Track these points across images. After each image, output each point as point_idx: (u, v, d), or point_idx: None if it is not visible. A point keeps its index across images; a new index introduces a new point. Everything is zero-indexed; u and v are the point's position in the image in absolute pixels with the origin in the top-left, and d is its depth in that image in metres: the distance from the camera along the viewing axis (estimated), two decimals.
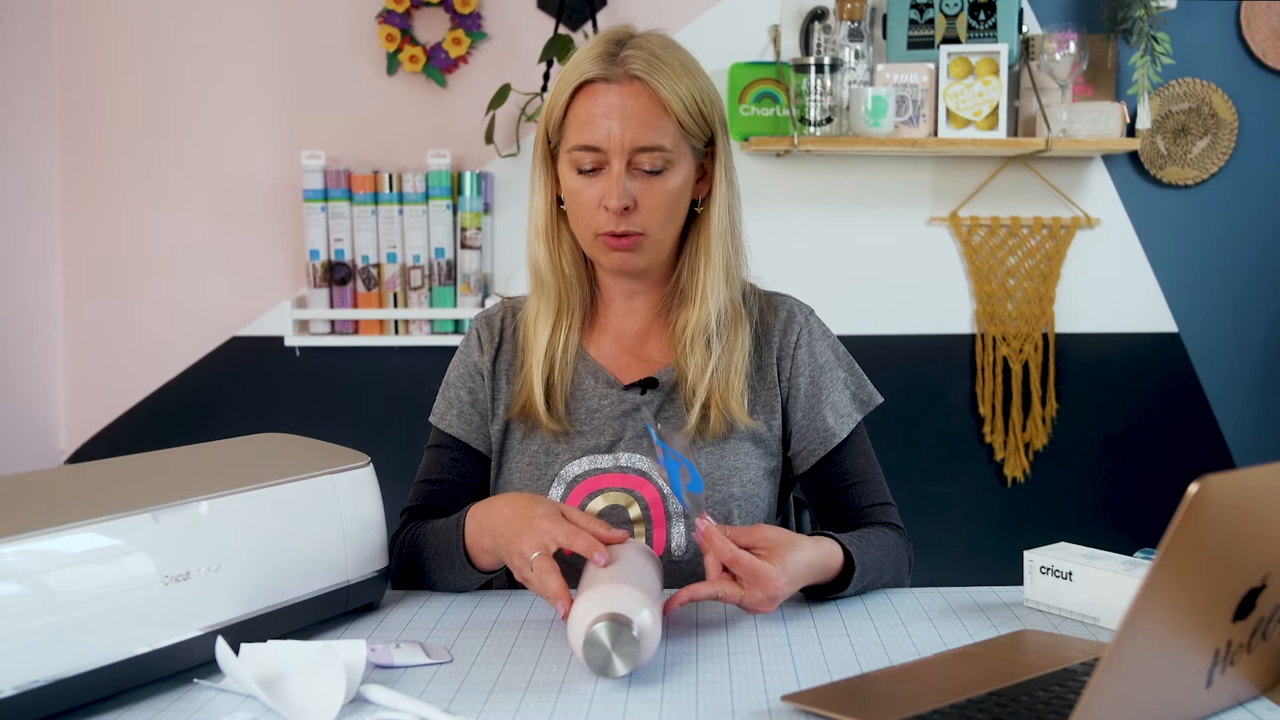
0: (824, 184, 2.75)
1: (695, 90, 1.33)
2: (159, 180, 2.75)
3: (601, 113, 1.30)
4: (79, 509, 0.96)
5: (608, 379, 1.41)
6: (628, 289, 1.43)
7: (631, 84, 1.30)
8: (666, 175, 1.32)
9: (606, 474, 1.37)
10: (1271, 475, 0.79)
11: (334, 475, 1.15)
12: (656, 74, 1.30)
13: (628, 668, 0.98)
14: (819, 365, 1.43)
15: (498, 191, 2.75)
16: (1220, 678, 0.87)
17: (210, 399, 2.77)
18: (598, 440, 1.38)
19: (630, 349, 1.43)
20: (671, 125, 1.31)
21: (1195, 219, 2.77)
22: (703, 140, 1.36)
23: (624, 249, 1.33)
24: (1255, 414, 2.81)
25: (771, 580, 1.12)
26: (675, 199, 1.34)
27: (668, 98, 1.30)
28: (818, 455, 1.42)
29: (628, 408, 1.39)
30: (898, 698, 0.95)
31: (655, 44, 1.33)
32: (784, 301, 1.47)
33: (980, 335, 2.77)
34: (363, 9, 2.71)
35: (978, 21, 2.64)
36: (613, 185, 1.30)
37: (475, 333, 1.47)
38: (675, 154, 1.32)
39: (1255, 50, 2.72)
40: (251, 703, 0.96)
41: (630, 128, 1.29)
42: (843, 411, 1.43)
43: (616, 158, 1.30)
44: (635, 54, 1.30)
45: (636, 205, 1.31)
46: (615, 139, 1.30)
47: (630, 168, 1.31)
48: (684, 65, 1.33)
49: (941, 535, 2.81)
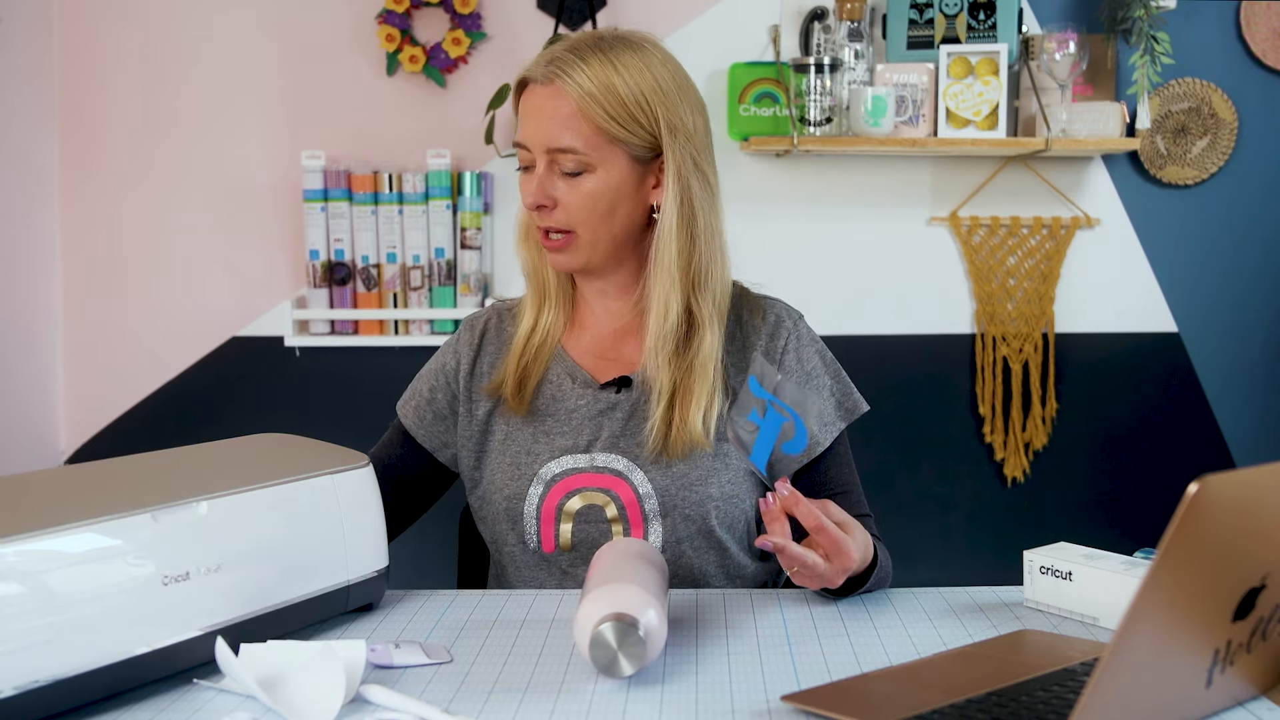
0: (824, 184, 2.75)
1: (629, 92, 1.31)
2: (159, 180, 2.75)
3: (527, 112, 1.35)
4: (79, 509, 0.95)
5: (585, 379, 1.41)
6: (597, 289, 1.44)
7: (550, 84, 1.33)
8: (585, 177, 1.33)
9: (583, 474, 1.37)
10: (1271, 475, 0.79)
11: (334, 475, 1.15)
12: (573, 75, 1.31)
13: (634, 668, 0.98)
14: (806, 372, 1.42)
15: (497, 191, 2.75)
16: (1220, 678, 0.87)
17: (210, 399, 2.77)
18: (575, 440, 1.39)
19: (606, 349, 1.44)
20: (586, 127, 1.32)
21: (1195, 219, 2.77)
22: (644, 143, 1.34)
23: (556, 249, 1.37)
24: (1255, 414, 2.81)
25: (849, 553, 1.13)
26: (597, 199, 1.34)
27: (577, 100, 1.31)
28: (801, 463, 1.41)
29: (603, 407, 1.40)
30: (898, 698, 0.95)
31: (592, 43, 1.33)
32: (773, 305, 1.47)
33: (980, 335, 2.77)
34: (363, 9, 2.71)
35: (977, 21, 2.64)
36: (531, 183, 1.35)
37: (458, 335, 1.51)
38: (594, 156, 1.32)
39: (1255, 50, 2.72)
40: (251, 703, 0.96)
41: (544, 129, 1.33)
42: (826, 420, 1.42)
43: (540, 157, 1.34)
44: (564, 55, 1.33)
45: (556, 204, 1.34)
46: (535, 139, 1.34)
47: (551, 167, 1.34)
48: (619, 65, 1.32)
49: (941, 535, 2.81)
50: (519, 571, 1.40)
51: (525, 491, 1.38)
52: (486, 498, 1.42)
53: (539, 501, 1.37)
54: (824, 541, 1.12)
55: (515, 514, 1.38)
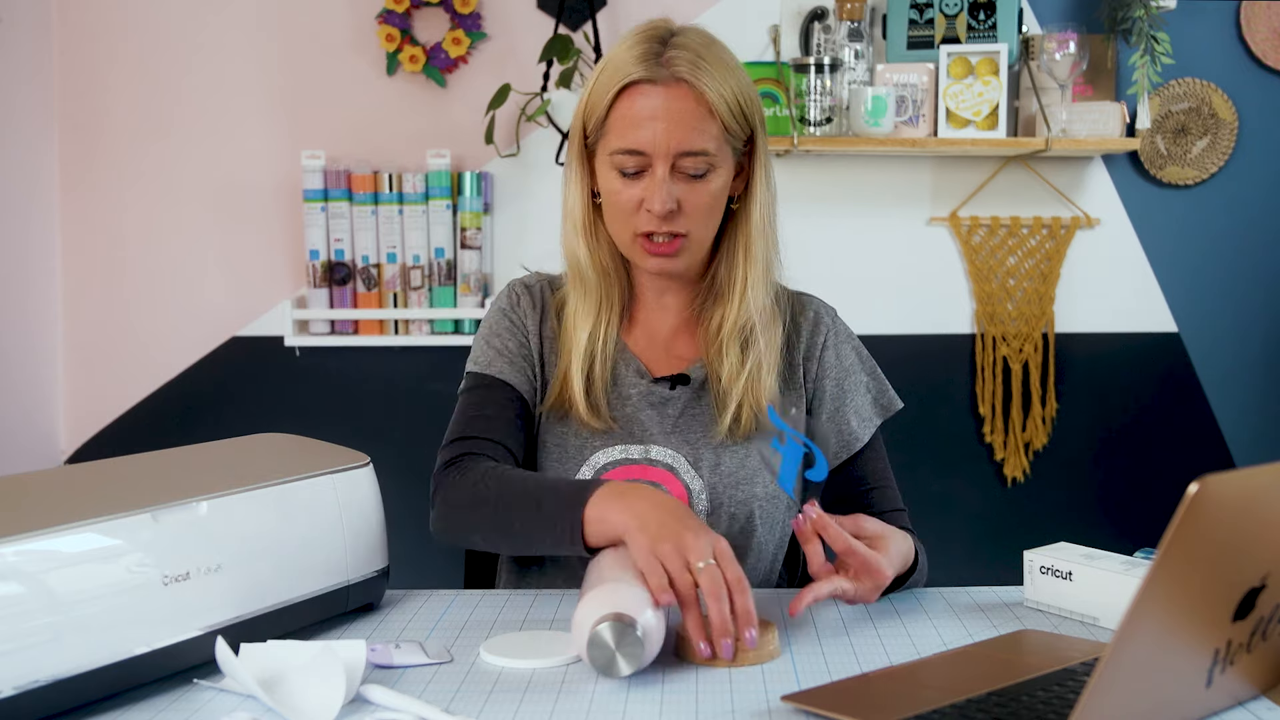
0: (824, 184, 2.75)
1: (738, 90, 1.31)
2: (159, 180, 2.75)
3: (647, 115, 1.27)
4: (79, 509, 0.95)
5: (639, 369, 1.40)
6: (660, 286, 1.42)
7: (677, 86, 1.28)
8: (709, 178, 1.30)
9: (635, 465, 1.36)
10: (1271, 475, 0.79)
11: (334, 475, 1.15)
12: (702, 76, 1.27)
13: (631, 668, 0.98)
14: (844, 368, 1.43)
15: (498, 191, 2.75)
16: (1220, 678, 0.87)
17: (210, 399, 2.77)
18: (629, 430, 1.37)
19: (662, 344, 1.42)
20: (715, 128, 1.29)
21: (1195, 219, 2.77)
22: (743, 139, 1.34)
23: (667, 253, 1.32)
24: (1255, 414, 2.81)
25: (882, 570, 1.13)
26: (717, 200, 1.32)
27: (714, 100, 1.28)
28: (840, 458, 1.41)
29: (657, 400, 1.38)
30: (898, 698, 0.95)
31: (699, 42, 1.30)
32: (810, 301, 1.47)
33: (980, 335, 2.77)
34: (363, 9, 2.71)
35: (977, 21, 2.64)
36: (657, 190, 1.28)
37: (515, 296, 1.43)
38: (718, 156, 1.30)
39: (1255, 50, 2.72)
40: (251, 703, 0.96)
41: (676, 132, 1.27)
42: (865, 416, 1.42)
43: (660, 162, 1.28)
44: (680, 54, 1.28)
45: (680, 208, 1.29)
46: (660, 143, 1.27)
47: (674, 170, 1.29)
48: (727, 64, 1.31)
49: (941, 535, 2.79)
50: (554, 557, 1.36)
51: (574, 475, 1.36)
52: None
53: None
54: (854, 563, 1.13)
55: None
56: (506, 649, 1.07)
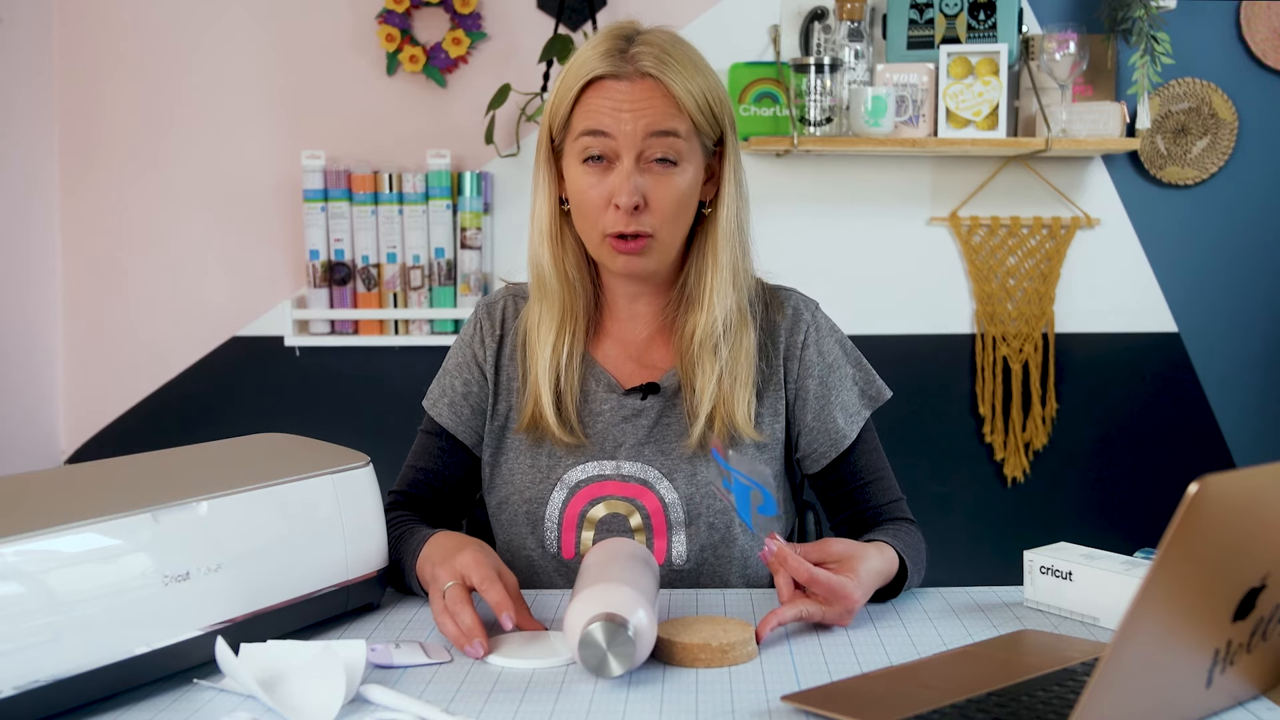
0: (824, 184, 2.75)
1: (706, 89, 1.30)
2: (159, 180, 2.75)
3: (611, 105, 1.26)
4: (79, 509, 0.95)
5: (609, 383, 1.38)
6: (631, 292, 1.39)
7: (643, 80, 1.27)
8: (678, 170, 1.28)
9: (609, 481, 1.35)
10: (1271, 475, 0.79)
11: (334, 475, 1.15)
12: (669, 71, 1.26)
13: (623, 668, 0.98)
14: (828, 364, 1.40)
15: (497, 191, 2.75)
16: (1220, 678, 0.87)
17: (210, 399, 2.77)
18: (600, 446, 1.36)
19: (633, 354, 1.40)
20: (684, 122, 1.28)
21: (1195, 219, 2.77)
22: (713, 140, 1.33)
23: (632, 253, 1.29)
24: (1255, 414, 2.81)
25: (849, 594, 1.12)
26: (685, 197, 1.30)
27: (681, 95, 1.27)
28: (829, 457, 1.40)
29: (629, 413, 1.37)
30: (898, 698, 0.95)
31: (665, 40, 1.29)
32: (789, 297, 1.44)
33: (980, 335, 2.77)
34: (363, 9, 2.71)
35: (977, 21, 2.64)
36: (624, 181, 1.26)
37: (478, 323, 1.44)
38: (688, 147, 1.29)
39: (1255, 50, 2.72)
40: (251, 703, 0.96)
41: (643, 116, 1.26)
42: (852, 410, 1.41)
43: (627, 152, 1.26)
44: (645, 50, 1.27)
45: (647, 204, 1.27)
46: (626, 129, 1.26)
47: (640, 162, 1.27)
48: (694, 63, 1.30)
49: (941, 535, 2.80)
50: (535, 575, 1.39)
51: (548, 496, 1.36)
52: (506, 500, 1.39)
53: (561, 507, 1.36)
54: (820, 590, 1.12)
55: (536, 518, 1.37)
56: (506, 649, 1.07)
